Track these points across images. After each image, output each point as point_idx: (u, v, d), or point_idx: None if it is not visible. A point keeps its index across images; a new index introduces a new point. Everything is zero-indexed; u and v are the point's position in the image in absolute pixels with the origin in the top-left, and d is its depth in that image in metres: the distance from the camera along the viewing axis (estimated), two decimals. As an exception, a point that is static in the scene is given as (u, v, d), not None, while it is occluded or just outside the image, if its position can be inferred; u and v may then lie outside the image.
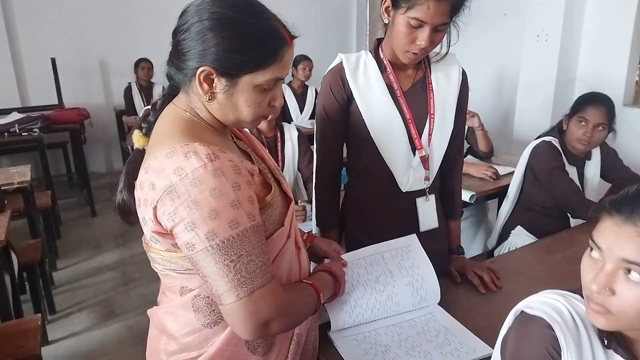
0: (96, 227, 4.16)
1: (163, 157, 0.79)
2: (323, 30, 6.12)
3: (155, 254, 0.90)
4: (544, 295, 0.85)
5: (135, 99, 5.00)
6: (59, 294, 3.06)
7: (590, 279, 0.73)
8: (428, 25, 1.21)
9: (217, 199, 0.76)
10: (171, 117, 0.89)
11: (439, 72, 1.41)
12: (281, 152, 2.38)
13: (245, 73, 0.83)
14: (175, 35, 0.86)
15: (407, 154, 1.39)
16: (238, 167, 0.81)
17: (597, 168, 2.14)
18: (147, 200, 0.81)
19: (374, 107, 1.37)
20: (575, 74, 3.59)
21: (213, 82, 0.83)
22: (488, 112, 4.50)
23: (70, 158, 5.05)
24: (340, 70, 1.40)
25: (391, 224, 1.45)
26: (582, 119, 1.98)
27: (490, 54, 4.44)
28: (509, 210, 2.26)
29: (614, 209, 0.73)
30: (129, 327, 2.69)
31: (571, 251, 1.62)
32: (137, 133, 0.94)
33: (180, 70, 0.86)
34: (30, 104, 5.01)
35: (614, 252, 0.71)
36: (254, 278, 0.79)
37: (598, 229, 0.76)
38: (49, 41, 5.04)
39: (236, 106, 0.86)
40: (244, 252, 0.78)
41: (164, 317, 0.94)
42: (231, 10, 0.82)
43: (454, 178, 1.54)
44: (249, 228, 0.79)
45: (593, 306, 0.73)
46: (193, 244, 0.77)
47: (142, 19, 5.37)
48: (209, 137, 0.85)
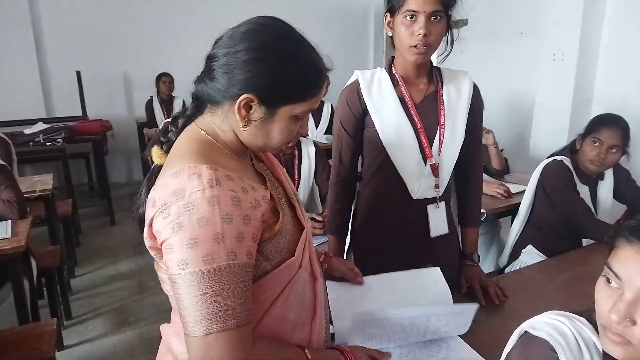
0: (115, 236, 4.25)
1: (169, 177, 0.79)
2: (342, 48, 6.20)
3: (162, 274, 0.89)
4: (549, 316, 0.85)
5: (156, 112, 5.13)
6: (76, 300, 3.13)
7: (609, 309, 0.71)
8: (421, 14, 1.27)
9: (202, 228, 0.74)
10: (190, 137, 0.88)
11: (450, 86, 1.47)
12: (298, 167, 2.41)
13: (287, 104, 0.85)
14: (215, 58, 0.85)
15: (418, 162, 1.43)
16: (238, 199, 0.78)
17: (609, 188, 2.12)
18: (147, 217, 0.81)
19: (387, 118, 1.43)
20: (592, 93, 3.57)
21: (251, 109, 0.84)
22: (504, 131, 4.49)
23: (92, 168, 5.18)
24: (356, 86, 1.47)
25: (401, 231, 1.49)
26: (597, 139, 1.98)
27: (506, 73, 4.44)
28: (519, 229, 2.25)
29: (634, 236, 0.70)
30: (141, 335, 2.73)
31: (579, 271, 1.61)
32: (156, 149, 0.94)
33: (218, 93, 0.85)
34: (55, 115, 5.18)
35: (635, 281, 0.68)
36: (213, 320, 0.74)
37: (616, 257, 0.73)
38: (74, 55, 5.22)
39: (269, 133, 0.87)
40: (210, 290, 0.74)
41: (170, 336, 0.94)
42: (279, 41, 0.84)
43: (471, 187, 1.59)
44: (224, 267, 0.75)
45: (611, 336, 0.71)
46: (168, 266, 0.77)
47: (164, 35, 5.54)
48: (224, 160, 0.85)
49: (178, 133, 0.92)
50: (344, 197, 1.57)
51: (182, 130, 0.92)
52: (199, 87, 0.89)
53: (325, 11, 6.22)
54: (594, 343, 0.80)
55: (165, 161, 0.88)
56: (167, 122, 1.00)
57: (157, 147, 0.94)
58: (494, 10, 4.49)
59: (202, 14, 5.56)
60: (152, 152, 0.94)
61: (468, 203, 1.59)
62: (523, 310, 1.36)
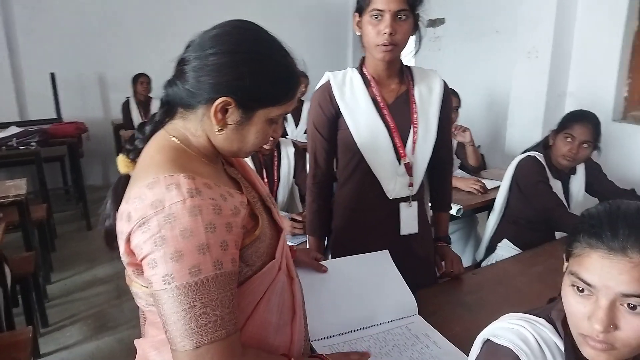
0: (91, 240, 4.17)
1: (144, 187, 0.76)
2: (320, 47, 6.21)
3: (137, 288, 0.87)
4: (509, 321, 0.84)
5: (133, 114, 5.05)
6: (52, 307, 3.07)
7: (588, 318, 0.71)
8: (387, 13, 1.29)
9: (186, 239, 0.73)
10: (160, 144, 0.85)
11: (422, 85, 1.49)
12: (277, 168, 2.41)
13: (263, 107, 0.84)
14: (187, 61, 0.83)
15: (392, 162, 1.45)
16: (219, 207, 0.77)
17: (581, 182, 2.17)
18: (122, 232, 0.78)
19: (360, 119, 1.44)
20: (565, 89, 3.64)
21: (227, 113, 0.83)
22: (480, 127, 4.55)
23: (67, 171, 5.08)
24: (327, 87, 1.47)
25: (377, 229, 1.51)
26: (569, 135, 2.02)
27: (482, 70, 4.51)
28: (495, 223, 2.29)
29: (598, 241, 0.70)
30: (121, 340, 2.69)
31: (552, 263, 1.65)
32: (122, 158, 0.90)
33: (192, 97, 0.83)
34: (29, 118, 5.06)
35: (610, 287, 0.68)
36: (203, 332, 0.73)
37: (583, 265, 0.72)
38: (48, 56, 5.11)
39: (244, 137, 0.86)
40: (199, 303, 0.73)
41: (149, 350, 0.91)
42: (254, 44, 0.83)
43: (444, 179, 1.66)
44: (211, 277, 0.74)
45: (595, 345, 0.70)
46: (151, 282, 0.75)
47: (141, 35, 5.46)
48: (198, 167, 0.83)
49: (146, 140, 0.89)
50: (320, 198, 1.58)
51: (150, 137, 0.89)
52: (170, 92, 0.87)
53: (303, 10, 6.21)
54: (555, 344, 0.81)
55: (135, 171, 0.85)
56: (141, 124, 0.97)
57: (123, 156, 0.90)
58: (469, 9, 4.55)
59: (179, 13, 5.50)
60: (117, 161, 0.91)
61: (442, 191, 1.66)
62: (500, 302, 1.41)
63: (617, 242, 0.68)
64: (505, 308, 0.91)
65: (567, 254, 0.78)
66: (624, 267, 0.67)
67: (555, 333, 0.81)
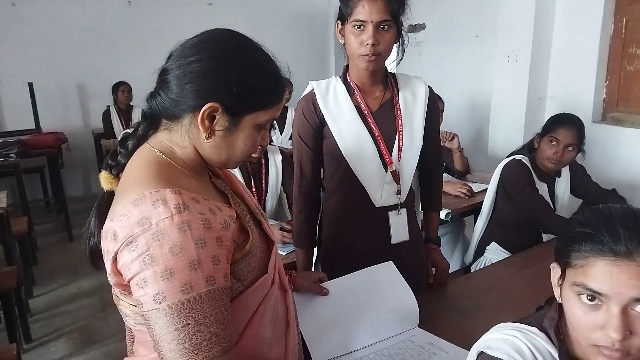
0: (74, 252, 4.08)
1: (130, 205, 0.73)
2: (302, 54, 6.21)
3: (125, 307, 0.85)
4: (501, 332, 0.84)
5: (114, 123, 4.97)
6: (36, 321, 2.99)
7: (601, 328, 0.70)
8: (369, 23, 1.29)
9: (176, 256, 0.70)
10: (144, 158, 0.83)
11: (406, 91, 1.48)
12: (265, 176, 2.39)
13: (251, 112, 0.82)
14: (170, 71, 0.82)
15: (379, 170, 1.44)
16: (209, 222, 0.75)
17: (566, 185, 2.21)
18: (108, 252, 0.75)
19: (345, 128, 1.43)
20: (545, 92, 3.71)
21: (214, 120, 0.81)
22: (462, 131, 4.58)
23: (47, 182, 4.99)
24: (312, 97, 1.46)
25: (364, 239, 1.50)
26: (554, 138, 2.04)
27: (463, 75, 4.57)
28: (483, 227, 2.31)
29: (604, 248, 0.69)
30: (107, 354, 2.64)
31: (543, 266, 1.66)
32: (105, 174, 0.87)
33: (177, 106, 0.81)
34: (7, 128, 4.95)
35: (622, 294, 0.67)
36: (198, 351, 0.71)
37: (589, 275, 0.70)
38: (26, 65, 5.01)
39: (233, 145, 0.84)
40: (192, 321, 0.71)
41: None
42: (238, 49, 0.82)
43: (434, 181, 1.66)
44: (204, 294, 0.72)
45: (611, 354, 0.70)
46: (142, 302, 0.72)
47: (121, 43, 5.39)
48: (184, 182, 0.81)
49: (129, 155, 0.86)
50: (307, 208, 1.56)
51: (133, 152, 0.86)
52: (153, 104, 0.84)
53: (286, 18, 6.20)
54: (549, 352, 0.80)
55: (119, 187, 0.82)
56: (126, 132, 0.95)
57: (105, 172, 0.87)
58: (450, 14, 4.61)
59: (161, 21, 5.45)
60: (100, 177, 0.88)
61: (432, 192, 1.66)
62: (494, 307, 1.41)
63: (621, 246, 0.67)
64: (499, 312, 0.91)
65: (563, 265, 0.76)
66: (633, 272, 0.66)
67: (549, 341, 0.81)
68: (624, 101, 3.35)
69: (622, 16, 3.25)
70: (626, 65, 3.29)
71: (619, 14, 3.27)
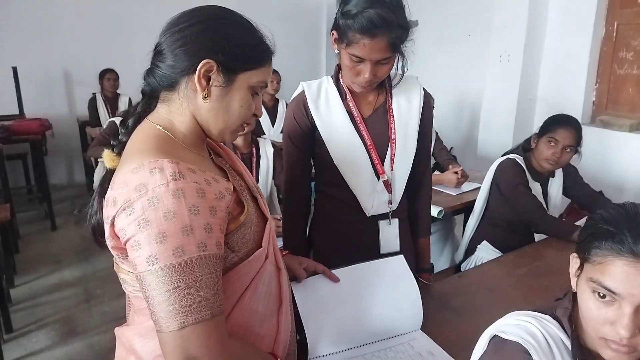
0: (56, 241, 4.02)
1: (129, 172, 0.77)
2: (293, 46, 6.15)
3: (125, 275, 0.89)
4: (516, 317, 0.85)
5: (100, 110, 4.88)
6: (17, 311, 2.92)
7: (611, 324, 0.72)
8: (368, 61, 1.23)
9: (169, 221, 0.74)
10: (145, 133, 0.86)
11: (401, 96, 1.43)
12: (256, 168, 2.38)
13: (244, 70, 0.86)
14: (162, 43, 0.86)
15: (370, 179, 1.41)
16: (203, 191, 0.78)
17: (559, 185, 2.22)
18: (108, 217, 0.79)
19: (336, 135, 1.39)
20: (536, 93, 3.74)
21: (210, 80, 0.84)
22: (453, 130, 4.63)
23: (30, 170, 4.88)
24: (302, 99, 1.42)
25: (356, 244, 1.46)
26: (553, 139, 2.04)
27: (454, 74, 4.58)
28: (474, 225, 2.32)
29: (623, 247, 0.70)
30: (90, 346, 2.59)
31: (535, 265, 1.67)
32: (108, 153, 0.91)
33: (173, 70, 0.85)
34: (-11, 113, 4.83)
35: (636, 295, 0.69)
36: (187, 313, 0.74)
37: (606, 273, 0.72)
38: (10, 49, 4.88)
39: (229, 106, 0.87)
40: (183, 283, 0.74)
41: (133, 338, 0.91)
42: (226, 13, 0.88)
43: (421, 198, 1.57)
44: (195, 259, 0.75)
45: (618, 348, 0.72)
46: (136, 264, 0.75)
47: (108, 29, 5.28)
48: (183, 155, 0.84)
49: (129, 133, 0.90)
50: (296, 208, 1.52)
51: (133, 130, 0.89)
52: (151, 79, 0.88)
53: (278, 13, 6.13)
54: (562, 340, 0.82)
55: (121, 161, 0.86)
56: (112, 120, 0.96)
57: (108, 151, 0.91)
58: (443, 12, 4.61)
59: (149, 8, 5.35)
60: (103, 156, 0.91)
61: (419, 214, 1.58)
62: (488, 307, 1.41)
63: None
64: (492, 311, 0.91)
65: (582, 259, 0.78)
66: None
67: (561, 329, 0.83)
68: (613, 104, 3.39)
69: (614, 20, 3.29)
70: (616, 69, 3.33)
71: (610, 17, 3.30)
